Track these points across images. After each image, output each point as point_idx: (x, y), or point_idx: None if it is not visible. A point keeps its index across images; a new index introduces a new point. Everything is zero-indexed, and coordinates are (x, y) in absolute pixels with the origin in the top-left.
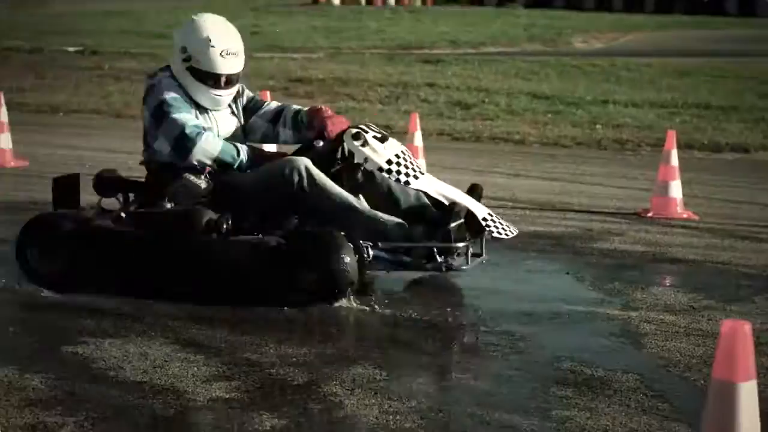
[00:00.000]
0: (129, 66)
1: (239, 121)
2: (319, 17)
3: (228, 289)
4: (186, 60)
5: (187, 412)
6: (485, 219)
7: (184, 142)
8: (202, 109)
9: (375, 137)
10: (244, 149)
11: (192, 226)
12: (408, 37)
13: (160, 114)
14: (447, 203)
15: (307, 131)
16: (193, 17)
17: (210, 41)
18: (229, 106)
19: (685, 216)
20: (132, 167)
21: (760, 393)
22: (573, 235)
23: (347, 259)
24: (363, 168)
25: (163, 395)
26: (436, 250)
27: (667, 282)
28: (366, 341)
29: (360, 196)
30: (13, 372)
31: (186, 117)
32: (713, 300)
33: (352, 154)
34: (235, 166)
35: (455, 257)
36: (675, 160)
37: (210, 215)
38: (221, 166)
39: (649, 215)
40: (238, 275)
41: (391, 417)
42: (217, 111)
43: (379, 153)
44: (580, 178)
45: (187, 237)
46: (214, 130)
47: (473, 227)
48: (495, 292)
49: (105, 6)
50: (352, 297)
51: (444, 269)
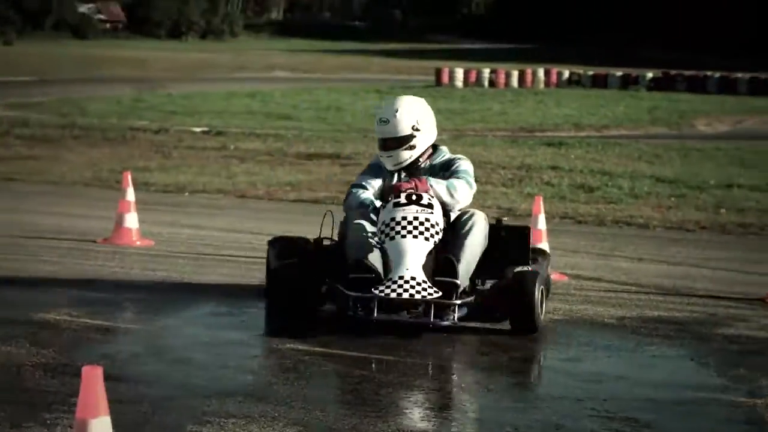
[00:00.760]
0: (254, 146)
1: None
2: (443, 99)
3: None
4: None
5: None
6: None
7: (346, 194)
8: (386, 169)
9: (407, 198)
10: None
11: None
12: (531, 119)
13: None
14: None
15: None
16: None
17: (376, 112)
18: (417, 164)
19: None
20: (256, 247)
21: None
22: (697, 321)
23: None
24: None
25: None
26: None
27: None
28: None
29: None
30: None
31: (360, 177)
32: None
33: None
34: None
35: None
36: None
37: None
38: None
39: None
40: None
41: None
42: (399, 167)
43: (388, 210)
44: (704, 262)
45: None
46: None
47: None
48: (619, 377)
49: (230, 87)
50: None
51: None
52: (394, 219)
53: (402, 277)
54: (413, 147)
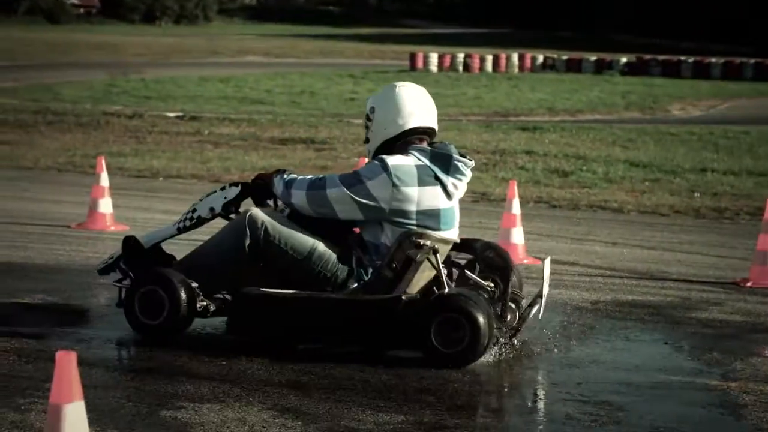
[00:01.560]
0: (228, 131)
1: None
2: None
3: None
4: None
5: None
6: None
7: None
8: None
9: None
10: None
11: None
12: (505, 104)
13: None
14: None
15: None
16: None
17: None
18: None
19: None
20: None
21: None
22: (671, 305)
23: None
24: None
25: None
26: None
27: (767, 352)
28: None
29: None
30: None
31: None
32: None
33: None
34: None
35: None
36: None
37: None
38: None
39: (748, 285)
40: None
41: None
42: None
43: None
44: (678, 246)
45: None
46: None
47: None
48: (593, 361)
49: (204, 72)
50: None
51: None
52: None
53: None
54: (368, 133)
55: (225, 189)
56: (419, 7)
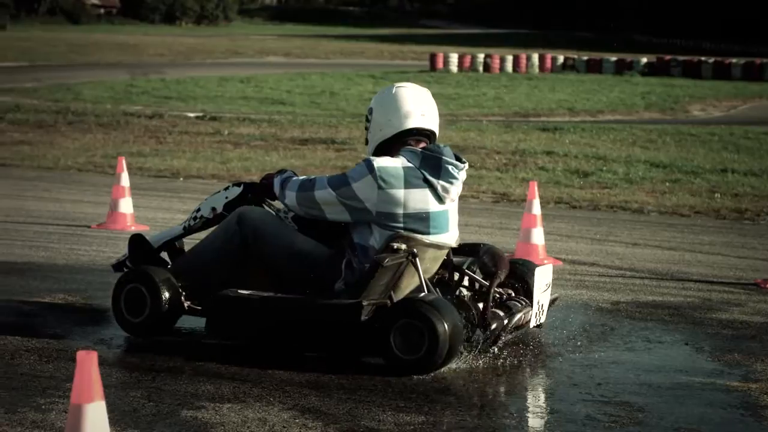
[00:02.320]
0: (248, 131)
1: None
2: (437, 84)
3: None
4: None
5: None
6: None
7: None
8: None
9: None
10: None
11: None
12: (526, 104)
13: None
14: None
15: None
16: None
17: None
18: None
19: None
20: None
21: None
22: (691, 305)
23: None
24: None
25: None
26: None
27: None
28: (484, 410)
29: None
30: None
31: None
32: None
33: None
34: None
35: None
36: None
37: None
38: None
39: None
40: None
41: None
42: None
43: None
44: (698, 247)
45: None
46: None
47: None
48: (613, 362)
49: (224, 72)
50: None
51: None
52: None
53: None
54: (368, 135)
55: (228, 189)
56: (440, 8)
